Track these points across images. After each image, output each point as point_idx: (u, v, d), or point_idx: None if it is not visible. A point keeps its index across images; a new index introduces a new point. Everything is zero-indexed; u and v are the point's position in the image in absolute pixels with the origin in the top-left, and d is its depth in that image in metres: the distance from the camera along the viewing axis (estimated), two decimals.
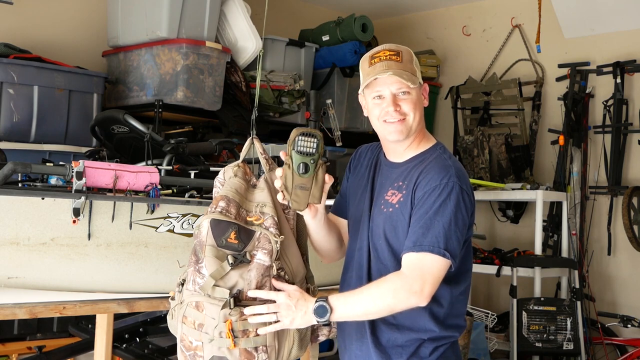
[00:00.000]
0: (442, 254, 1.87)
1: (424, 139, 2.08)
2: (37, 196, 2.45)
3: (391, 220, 1.99)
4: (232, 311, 1.87)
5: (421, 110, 2.04)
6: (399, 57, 1.99)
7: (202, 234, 1.96)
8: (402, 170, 2.05)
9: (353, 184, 2.19)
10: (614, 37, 5.44)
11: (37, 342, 4.16)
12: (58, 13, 4.80)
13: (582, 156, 5.41)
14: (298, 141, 1.94)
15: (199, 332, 1.91)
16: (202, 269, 1.93)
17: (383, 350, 2.00)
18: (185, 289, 1.97)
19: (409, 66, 2.00)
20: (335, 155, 5.04)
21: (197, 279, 1.94)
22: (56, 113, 4.03)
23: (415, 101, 2.01)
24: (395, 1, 6.31)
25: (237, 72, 4.66)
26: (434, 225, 1.88)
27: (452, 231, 1.89)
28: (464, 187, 1.94)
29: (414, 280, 1.85)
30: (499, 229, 5.93)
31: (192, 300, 1.92)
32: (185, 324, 1.94)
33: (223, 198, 1.98)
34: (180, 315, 1.95)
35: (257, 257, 1.94)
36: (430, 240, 1.87)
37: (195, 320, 1.91)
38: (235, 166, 2.08)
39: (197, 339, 1.91)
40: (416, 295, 1.85)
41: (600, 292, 5.36)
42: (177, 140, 3.22)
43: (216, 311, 1.88)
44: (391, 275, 1.90)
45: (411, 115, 2.00)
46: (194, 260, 1.97)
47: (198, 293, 1.92)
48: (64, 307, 2.66)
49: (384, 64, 1.98)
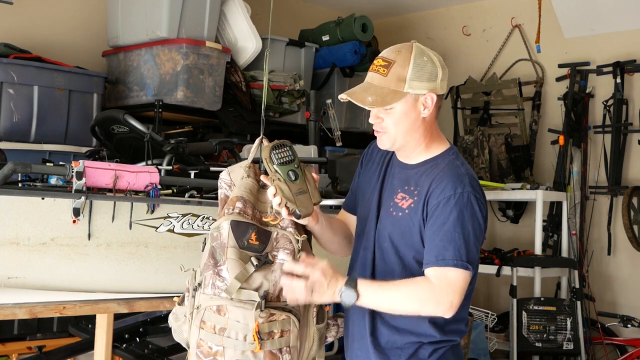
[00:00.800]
0: (465, 267, 1.88)
1: (434, 142, 2.05)
2: (37, 196, 2.45)
3: (400, 224, 1.99)
4: (262, 313, 1.86)
5: (411, 123, 1.98)
6: (385, 70, 1.95)
7: (223, 236, 1.92)
8: (413, 174, 2.04)
9: (363, 181, 2.19)
10: (614, 37, 5.44)
11: (37, 342, 4.16)
12: (58, 13, 4.79)
13: (582, 156, 5.41)
14: (274, 156, 1.96)
15: (221, 337, 1.87)
16: (221, 272, 1.90)
17: (382, 352, 2.00)
18: (202, 294, 1.92)
19: (392, 82, 1.94)
20: (335, 155, 5.04)
21: (217, 282, 1.90)
22: (56, 113, 4.03)
23: (398, 117, 1.97)
24: (395, 1, 6.31)
25: (237, 72, 4.66)
26: (455, 238, 1.89)
27: (471, 242, 1.90)
28: (478, 196, 1.95)
29: (442, 293, 1.87)
30: (498, 228, 5.93)
31: (213, 304, 1.89)
32: (204, 329, 1.89)
33: (239, 199, 1.97)
34: (198, 320, 1.91)
35: (279, 258, 1.94)
36: (454, 254, 1.88)
37: (216, 324, 1.88)
38: (247, 167, 2.07)
39: (217, 344, 1.88)
40: (444, 307, 1.88)
41: (600, 292, 5.36)
42: (177, 140, 3.21)
43: (242, 314, 1.86)
44: (422, 281, 1.89)
45: (391, 131, 1.99)
46: (211, 263, 1.93)
47: (218, 297, 1.89)
48: (64, 307, 2.66)
49: (370, 76, 1.99)
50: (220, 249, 1.93)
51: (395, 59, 1.96)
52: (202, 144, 3.67)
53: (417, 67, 1.96)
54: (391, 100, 1.95)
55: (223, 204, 2.04)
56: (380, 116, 1.99)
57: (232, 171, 2.09)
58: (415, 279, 1.91)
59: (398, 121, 1.98)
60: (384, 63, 1.97)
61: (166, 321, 4.29)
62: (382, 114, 1.98)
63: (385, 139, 2.02)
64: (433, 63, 1.98)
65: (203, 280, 1.93)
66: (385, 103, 1.95)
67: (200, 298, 1.93)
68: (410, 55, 1.96)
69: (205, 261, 1.96)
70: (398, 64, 1.96)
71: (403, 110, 1.97)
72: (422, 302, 1.88)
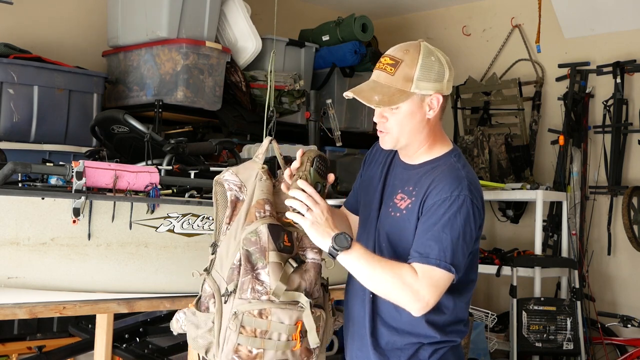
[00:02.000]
0: (447, 269, 1.86)
1: (437, 143, 2.04)
2: (37, 196, 2.45)
3: (397, 225, 1.99)
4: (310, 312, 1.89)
5: (415, 124, 1.97)
6: (393, 70, 1.94)
7: (263, 240, 1.91)
8: (413, 174, 2.03)
9: (365, 180, 2.19)
10: (614, 37, 5.44)
11: (37, 342, 4.16)
12: (58, 13, 4.80)
13: (582, 156, 5.41)
14: (317, 162, 1.98)
15: (262, 340, 1.88)
16: (260, 276, 1.90)
17: (382, 353, 2.00)
18: (237, 299, 1.91)
19: (399, 81, 1.93)
20: (335, 155, 5.04)
21: (256, 286, 1.90)
22: (56, 113, 4.03)
23: (403, 117, 1.96)
24: (395, 1, 6.31)
25: (237, 72, 4.66)
26: (442, 238, 1.87)
27: (459, 245, 1.88)
28: (474, 201, 1.92)
29: (423, 288, 1.85)
30: (498, 228, 5.93)
31: (254, 308, 1.88)
32: (243, 333, 1.89)
33: (266, 202, 1.96)
34: (236, 325, 1.89)
35: (309, 257, 1.96)
36: (438, 254, 1.86)
37: (257, 328, 1.88)
38: (263, 168, 2.03)
39: (258, 347, 1.88)
40: (420, 303, 1.85)
41: (600, 292, 5.36)
42: (177, 140, 3.21)
43: (288, 315, 1.88)
44: (409, 270, 1.86)
45: (395, 131, 1.98)
46: (248, 268, 1.92)
47: (258, 300, 1.89)
48: (64, 307, 2.66)
49: (376, 74, 1.97)
50: (259, 253, 1.91)
51: (403, 58, 1.94)
52: (202, 144, 3.66)
53: (424, 67, 1.94)
54: (398, 100, 1.94)
55: (233, 206, 2.00)
56: (385, 115, 1.98)
57: (239, 172, 2.05)
58: (403, 266, 1.88)
59: (403, 121, 1.97)
60: (391, 62, 1.95)
61: (166, 321, 4.31)
62: (387, 114, 1.97)
63: (388, 139, 2.01)
64: (441, 63, 1.97)
65: (240, 285, 1.91)
66: (392, 102, 1.93)
67: (236, 303, 1.91)
68: (418, 55, 1.94)
69: (242, 266, 1.92)
70: (406, 63, 1.94)
71: (409, 110, 1.96)
72: (401, 289, 1.85)
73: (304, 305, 1.90)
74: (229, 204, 2.01)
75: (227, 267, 1.95)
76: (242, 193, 2.01)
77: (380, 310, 2.02)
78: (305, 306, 1.90)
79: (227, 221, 2.00)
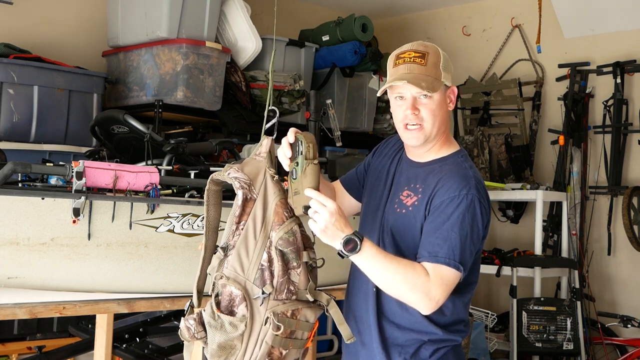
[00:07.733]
0: (456, 267, 1.88)
1: (446, 143, 2.06)
2: (37, 196, 2.45)
3: (403, 221, 2.00)
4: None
5: (443, 115, 2.00)
6: (423, 60, 1.95)
7: (299, 240, 1.90)
8: (420, 172, 2.04)
9: (374, 169, 2.19)
10: (614, 37, 5.44)
11: (37, 342, 4.17)
12: (58, 13, 4.79)
13: (582, 156, 5.41)
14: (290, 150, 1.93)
15: (289, 340, 1.89)
16: (292, 276, 1.89)
17: (384, 347, 2.02)
18: (272, 300, 1.87)
19: (432, 70, 1.96)
20: (335, 155, 5.05)
21: (290, 287, 1.89)
22: (56, 113, 4.03)
23: (436, 107, 1.97)
24: (395, 1, 6.31)
25: (237, 72, 4.66)
26: (451, 237, 1.88)
27: (467, 244, 1.90)
28: (482, 200, 1.94)
29: (434, 287, 1.86)
30: (499, 228, 5.93)
31: (289, 309, 1.87)
32: (279, 335, 1.87)
33: (287, 202, 1.93)
34: (276, 327, 1.85)
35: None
36: (447, 253, 1.87)
37: (288, 328, 1.88)
38: (271, 167, 1.99)
39: (285, 347, 1.89)
40: (431, 302, 1.86)
41: (600, 292, 5.36)
42: (177, 140, 3.21)
43: (313, 313, 1.90)
44: (421, 269, 1.87)
45: (429, 121, 1.98)
46: (284, 268, 1.89)
47: (291, 300, 1.88)
48: (64, 307, 2.66)
49: (407, 67, 1.96)
50: (295, 253, 1.89)
51: (427, 51, 1.98)
52: (202, 144, 3.66)
53: (445, 59, 2.00)
54: (437, 87, 1.96)
55: (244, 205, 1.93)
56: (418, 107, 1.97)
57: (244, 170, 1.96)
58: (415, 266, 1.88)
59: (436, 111, 1.98)
60: (418, 54, 1.97)
61: (166, 321, 4.30)
62: (420, 105, 1.97)
63: (420, 133, 2.00)
64: (449, 59, 2.02)
65: (278, 286, 1.87)
66: (435, 89, 1.95)
67: (271, 304, 1.87)
68: (437, 48, 1.99)
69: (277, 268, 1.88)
70: (431, 55, 1.97)
71: (440, 100, 1.99)
72: (413, 288, 1.85)
73: (322, 303, 1.90)
74: (239, 203, 1.93)
75: (252, 269, 1.89)
76: (252, 192, 1.95)
77: (383, 307, 2.03)
78: (331, 302, 1.90)
79: (235, 221, 1.93)
